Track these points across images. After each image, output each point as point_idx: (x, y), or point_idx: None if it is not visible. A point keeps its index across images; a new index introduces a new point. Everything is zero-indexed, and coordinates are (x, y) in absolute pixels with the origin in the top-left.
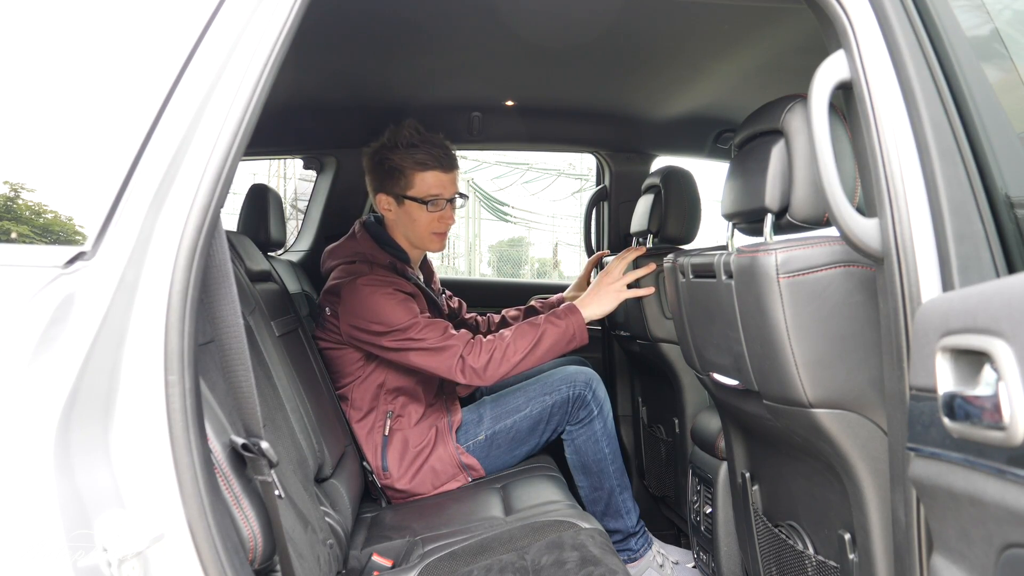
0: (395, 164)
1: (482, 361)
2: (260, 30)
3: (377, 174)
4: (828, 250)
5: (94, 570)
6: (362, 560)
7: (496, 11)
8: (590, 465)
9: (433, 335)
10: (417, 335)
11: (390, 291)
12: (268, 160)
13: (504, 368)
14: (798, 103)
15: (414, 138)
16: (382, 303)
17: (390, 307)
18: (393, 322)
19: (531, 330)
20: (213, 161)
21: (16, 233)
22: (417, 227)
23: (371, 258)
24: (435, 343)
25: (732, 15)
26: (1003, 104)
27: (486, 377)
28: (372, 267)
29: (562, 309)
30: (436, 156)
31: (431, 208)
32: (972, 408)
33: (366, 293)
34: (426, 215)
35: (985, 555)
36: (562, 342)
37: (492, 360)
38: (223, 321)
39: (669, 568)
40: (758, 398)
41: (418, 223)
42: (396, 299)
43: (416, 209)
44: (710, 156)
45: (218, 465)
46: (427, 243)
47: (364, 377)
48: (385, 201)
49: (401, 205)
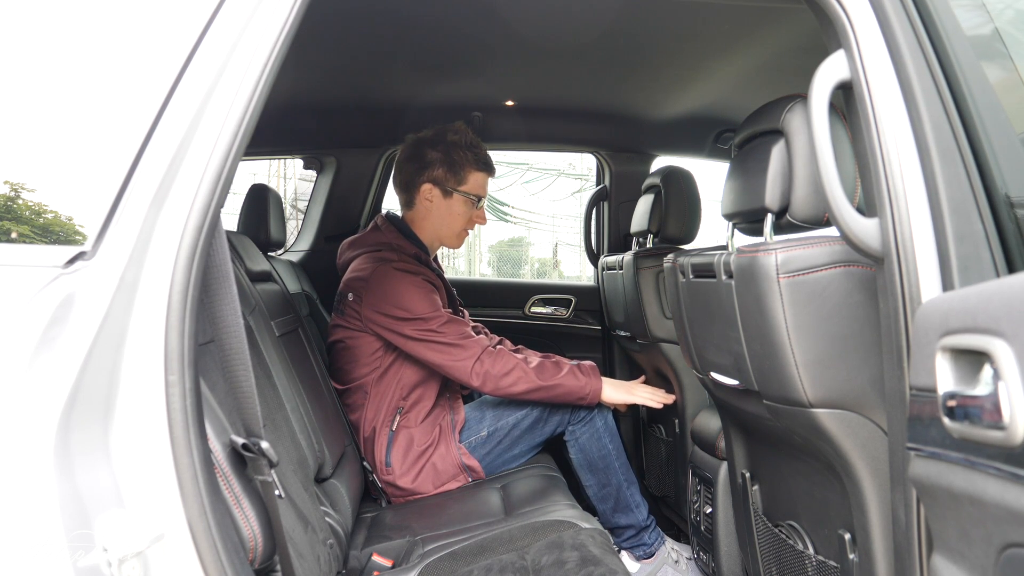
0: (458, 159)
1: (500, 370)
2: (260, 30)
3: (429, 164)
4: (828, 250)
5: (94, 570)
6: (362, 560)
7: (496, 11)
8: (596, 462)
9: (454, 332)
10: (439, 328)
11: (419, 280)
12: (268, 160)
13: (515, 389)
14: (798, 103)
15: (474, 140)
16: (410, 291)
17: (417, 296)
18: (417, 311)
19: (554, 371)
20: (213, 161)
21: (16, 233)
22: (454, 221)
23: (398, 247)
24: (454, 339)
25: (732, 15)
26: (1003, 104)
27: (496, 387)
28: (400, 255)
29: (588, 367)
30: (488, 161)
31: (477, 205)
32: (972, 408)
33: (396, 279)
34: (467, 211)
35: (985, 555)
36: (573, 396)
37: (510, 374)
38: (223, 321)
39: (684, 564)
40: (758, 398)
41: (457, 218)
42: (424, 289)
43: (461, 204)
44: (710, 156)
45: (218, 465)
46: (453, 239)
47: (383, 369)
48: (429, 191)
49: (448, 198)
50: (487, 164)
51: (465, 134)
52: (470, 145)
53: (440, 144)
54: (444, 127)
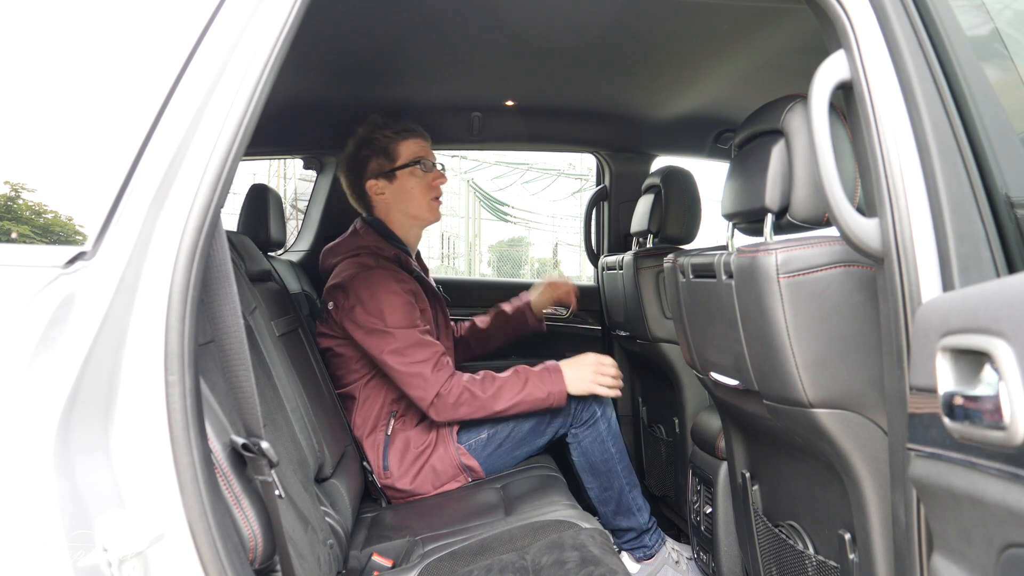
0: (378, 144)
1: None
2: (260, 30)
3: (360, 166)
4: (828, 250)
5: (94, 570)
6: (362, 560)
7: (496, 11)
8: (598, 465)
9: (420, 356)
10: (405, 347)
11: (396, 288)
12: (268, 160)
13: (471, 418)
14: (798, 103)
15: (382, 121)
16: (385, 299)
17: (391, 306)
18: (391, 322)
19: (513, 392)
20: (213, 161)
21: (16, 233)
22: (414, 196)
23: (377, 251)
24: (416, 368)
25: (732, 15)
26: (1003, 104)
27: (452, 418)
28: (378, 260)
29: (552, 369)
30: (410, 127)
31: (423, 168)
32: (972, 408)
33: (374, 285)
34: (420, 180)
35: (985, 555)
36: (537, 408)
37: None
38: (223, 321)
39: (684, 564)
40: (758, 398)
41: (414, 192)
42: (400, 300)
43: (408, 177)
44: (710, 156)
45: (218, 465)
46: (427, 212)
47: (371, 375)
48: (375, 186)
49: (393, 180)
50: (410, 130)
51: (375, 120)
52: (384, 125)
53: (361, 143)
54: (360, 128)
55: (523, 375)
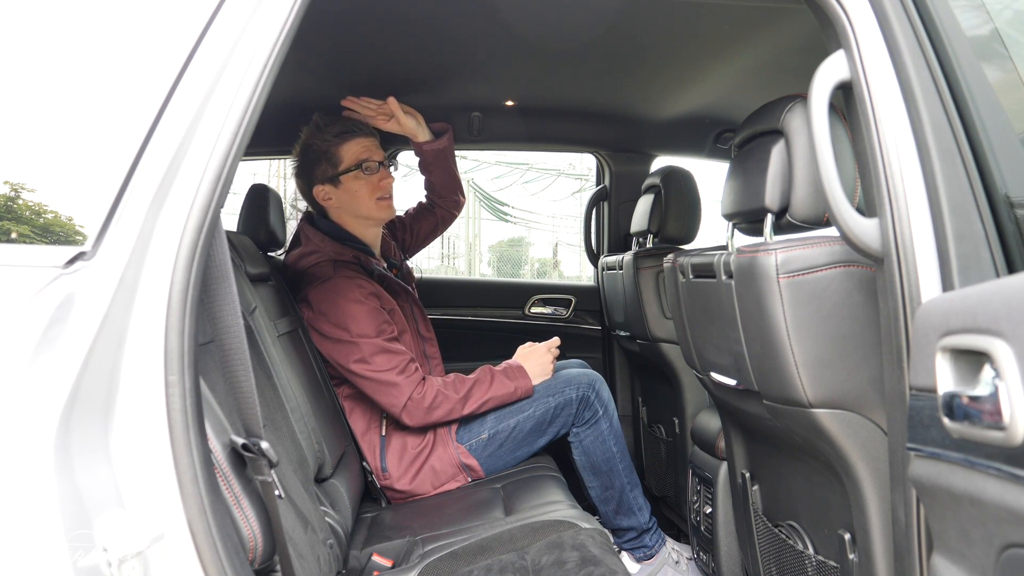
0: (318, 149)
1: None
2: (260, 30)
3: (306, 173)
4: (828, 250)
5: (94, 570)
6: (362, 560)
7: (496, 11)
8: (599, 465)
9: (387, 364)
10: (370, 355)
11: (356, 296)
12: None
13: (445, 420)
14: (798, 103)
15: (322, 122)
16: (346, 309)
17: (353, 316)
18: (353, 332)
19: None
20: (213, 161)
21: (16, 233)
22: (360, 199)
23: (335, 256)
24: (384, 376)
25: (732, 15)
26: (1003, 104)
27: (424, 422)
28: (336, 267)
29: (515, 369)
30: (349, 126)
31: (366, 171)
32: (972, 408)
33: (332, 297)
34: (364, 183)
35: (985, 555)
36: (507, 402)
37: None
38: (223, 321)
39: (684, 564)
40: (758, 398)
41: (360, 195)
42: (362, 308)
43: (353, 181)
44: (710, 156)
45: (218, 465)
46: (376, 211)
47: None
48: (323, 192)
49: (338, 185)
50: (349, 131)
51: (317, 121)
52: (324, 127)
53: (304, 148)
54: (301, 134)
55: (489, 373)
